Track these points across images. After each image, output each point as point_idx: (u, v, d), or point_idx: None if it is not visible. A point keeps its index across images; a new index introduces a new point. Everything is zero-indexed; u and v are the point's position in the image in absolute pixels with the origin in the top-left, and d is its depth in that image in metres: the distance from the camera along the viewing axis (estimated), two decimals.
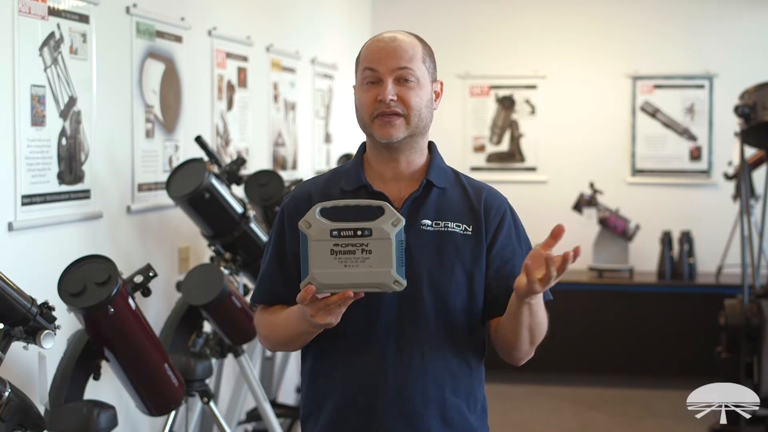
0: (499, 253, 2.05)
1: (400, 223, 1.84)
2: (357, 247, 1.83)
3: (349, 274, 1.82)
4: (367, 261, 1.82)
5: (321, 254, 1.83)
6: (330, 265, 1.83)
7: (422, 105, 2.03)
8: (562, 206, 7.14)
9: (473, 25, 7.58)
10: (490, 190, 2.13)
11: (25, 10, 2.88)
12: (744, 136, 5.44)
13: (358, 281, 1.82)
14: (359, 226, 1.83)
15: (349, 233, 1.83)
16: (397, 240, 1.84)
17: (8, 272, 2.29)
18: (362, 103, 2.04)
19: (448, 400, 2.01)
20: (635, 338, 6.59)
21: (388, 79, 2.00)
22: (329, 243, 1.83)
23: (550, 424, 5.81)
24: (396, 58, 2.01)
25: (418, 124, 2.03)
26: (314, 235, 1.83)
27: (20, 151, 2.87)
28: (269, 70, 5.16)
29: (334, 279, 1.83)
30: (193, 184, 3.43)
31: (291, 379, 5.33)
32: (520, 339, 1.99)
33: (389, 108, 1.99)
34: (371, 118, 2.02)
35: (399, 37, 2.05)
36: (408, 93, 2.01)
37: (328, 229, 1.83)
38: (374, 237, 1.83)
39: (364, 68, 2.04)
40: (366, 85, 2.03)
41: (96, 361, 2.78)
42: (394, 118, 2.00)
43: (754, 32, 7.26)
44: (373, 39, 2.08)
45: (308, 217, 1.85)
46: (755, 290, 5.33)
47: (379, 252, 1.82)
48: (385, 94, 1.99)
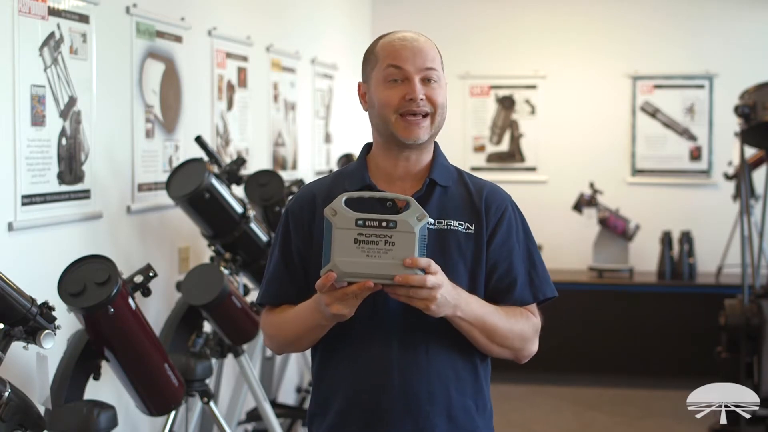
0: (496, 251, 2.05)
1: (425, 219, 1.86)
2: (381, 238, 1.84)
3: (371, 264, 1.83)
4: (390, 253, 1.84)
5: (344, 242, 1.84)
6: (353, 253, 1.84)
7: (446, 104, 2.06)
8: (562, 206, 7.14)
9: (473, 25, 7.58)
10: (492, 187, 2.13)
11: (25, 10, 2.88)
12: (744, 136, 5.44)
13: (378, 272, 1.83)
14: (385, 217, 1.85)
15: (374, 224, 1.84)
16: (420, 234, 1.85)
17: (8, 272, 2.29)
18: (385, 101, 2.03)
19: (454, 399, 2.02)
20: (635, 338, 6.59)
21: (416, 78, 2.01)
22: (353, 232, 1.84)
23: (550, 424, 5.81)
24: (423, 58, 2.02)
25: (440, 124, 2.06)
26: (339, 223, 1.85)
27: (20, 151, 2.87)
28: (269, 70, 5.16)
29: (355, 268, 1.83)
30: (193, 184, 3.43)
31: (291, 379, 5.33)
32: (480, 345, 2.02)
33: (419, 107, 2.01)
34: (395, 117, 2.02)
35: (419, 37, 2.06)
36: (435, 93, 2.03)
37: (354, 218, 1.85)
38: (398, 229, 1.84)
39: (388, 65, 2.03)
40: (390, 82, 2.03)
41: (96, 361, 2.78)
42: (421, 119, 2.02)
43: (754, 32, 7.26)
44: (393, 36, 2.07)
45: (334, 204, 1.87)
46: (755, 290, 5.33)
47: (402, 245, 1.84)
48: (416, 92, 2.00)
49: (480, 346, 2.03)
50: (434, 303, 1.87)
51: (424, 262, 1.85)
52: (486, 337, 2.00)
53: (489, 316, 1.99)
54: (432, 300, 1.86)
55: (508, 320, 2.02)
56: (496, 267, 2.05)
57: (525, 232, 2.12)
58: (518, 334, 2.04)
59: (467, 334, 1.99)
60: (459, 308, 1.92)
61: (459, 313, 1.93)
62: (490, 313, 1.99)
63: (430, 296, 1.86)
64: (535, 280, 2.09)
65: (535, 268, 2.10)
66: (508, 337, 2.03)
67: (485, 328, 1.99)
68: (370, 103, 2.07)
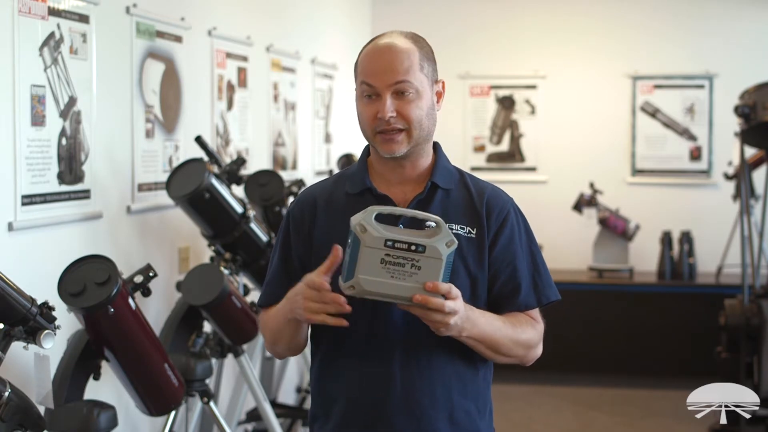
0: (499, 256, 2.05)
1: (453, 245, 1.85)
2: (408, 261, 1.82)
3: (394, 285, 1.82)
4: (414, 276, 1.82)
5: (371, 261, 1.82)
6: (377, 273, 1.82)
7: (423, 116, 2.00)
8: (562, 206, 7.14)
9: (473, 25, 7.58)
10: (494, 190, 2.11)
11: (25, 10, 2.88)
12: (744, 136, 5.44)
13: (400, 293, 1.83)
14: (414, 240, 1.83)
15: (403, 246, 1.82)
16: (447, 261, 1.84)
17: (8, 272, 2.29)
18: (363, 117, 2.02)
19: (456, 402, 2.01)
20: (635, 338, 6.59)
21: (386, 94, 1.97)
22: (381, 252, 1.82)
23: (550, 424, 5.81)
24: (392, 72, 1.97)
25: (419, 135, 2.01)
26: (368, 241, 1.82)
27: (20, 151, 2.87)
28: (269, 70, 5.16)
29: (377, 287, 1.82)
30: (193, 184, 3.43)
31: (291, 379, 5.33)
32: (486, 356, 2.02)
33: (389, 125, 1.98)
34: (373, 134, 2.01)
35: (396, 44, 1.99)
36: (407, 107, 1.97)
37: (383, 238, 1.82)
38: (426, 254, 1.82)
39: (361, 81, 2.01)
40: (365, 98, 2.01)
41: (96, 361, 2.78)
42: (395, 134, 1.99)
43: (754, 32, 7.26)
44: (370, 46, 2.04)
45: (364, 220, 1.83)
46: (755, 290, 5.33)
47: (428, 270, 1.82)
48: (384, 111, 1.97)
49: (485, 357, 2.03)
50: (445, 327, 1.87)
51: (445, 288, 1.84)
52: (492, 350, 2.00)
53: (496, 333, 1.98)
54: (444, 324, 1.87)
55: (514, 332, 2.02)
56: (499, 272, 2.05)
57: (528, 236, 2.11)
58: (524, 343, 2.04)
59: (473, 348, 1.99)
60: (465, 330, 1.92)
61: (465, 333, 1.93)
62: (497, 329, 1.99)
63: (443, 321, 1.86)
64: (539, 284, 2.09)
65: (538, 272, 2.10)
66: (514, 348, 2.03)
67: (491, 344, 1.99)
68: (357, 115, 2.06)
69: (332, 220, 2.05)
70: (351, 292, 1.83)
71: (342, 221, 2.01)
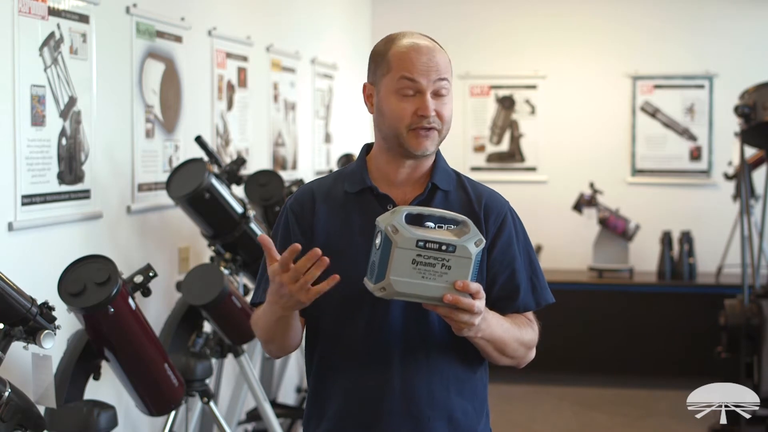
0: (498, 258, 2.05)
1: (481, 244, 1.85)
2: (438, 261, 1.82)
3: (425, 286, 1.82)
4: (444, 276, 1.82)
5: (403, 262, 1.82)
6: (409, 274, 1.82)
7: (451, 117, 2.04)
8: (562, 206, 7.14)
9: (473, 25, 7.58)
10: (491, 194, 2.12)
11: (25, 10, 2.88)
12: (744, 136, 5.44)
13: (430, 293, 1.83)
14: (445, 240, 1.83)
15: (434, 246, 1.82)
16: (476, 260, 1.84)
17: (8, 272, 2.29)
18: (398, 114, 2.00)
19: (454, 402, 2.01)
20: (635, 338, 6.59)
21: (429, 91, 1.99)
22: (413, 252, 1.82)
23: (550, 424, 5.81)
24: (436, 70, 1.99)
25: (444, 136, 2.05)
26: (401, 242, 1.81)
27: (20, 151, 2.87)
28: (269, 70, 5.16)
29: (408, 288, 1.82)
30: (193, 184, 3.43)
31: (291, 379, 5.33)
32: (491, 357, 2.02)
33: (429, 124, 1.99)
34: (406, 130, 2.00)
35: (434, 45, 2.03)
36: (443, 107, 2.01)
37: (415, 239, 1.82)
38: (456, 254, 1.83)
39: (401, 77, 1.99)
40: (402, 95, 2.00)
41: (96, 361, 2.78)
42: (431, 132, 2.00)
43: (754, 32, 7.26)
44: (406, 42, 2.02)
45: (396, 221, 1.83)
46: (755, 290, 5.33)
47: (458, 269, 1.82)
48: (428, 109, 1.98)
49: (489, 358, 2.03)
50: (469, 327, 1.87)
51: (475, 287, 1.84)
52: (498, 351, 2.00)
53: (505, 333, 1.99)
54: (470, 325, 1.86)
55: (519, 333, 2.03)
56: (498, 275, 2.05)
57: (524, 238, 2.12)
58: (527, 344, 2.05)
59: (481, 348, 1.99)
60: (481, 330, 1.92)
61: (480, 333, 1.93)
62: (506, 330, 1.99)
63: (470, 321, 1.85)
64: (537, 287, 2.10)
65: (536, 275, 2.11)
66: (518, 349, 2.04)
67: (500, 344, 1.99)
68: (379, 109, 2.03)
69: (331, 216, 2.04)
70: (382, 293, 1.83)
71: (341, 219, 2.00)
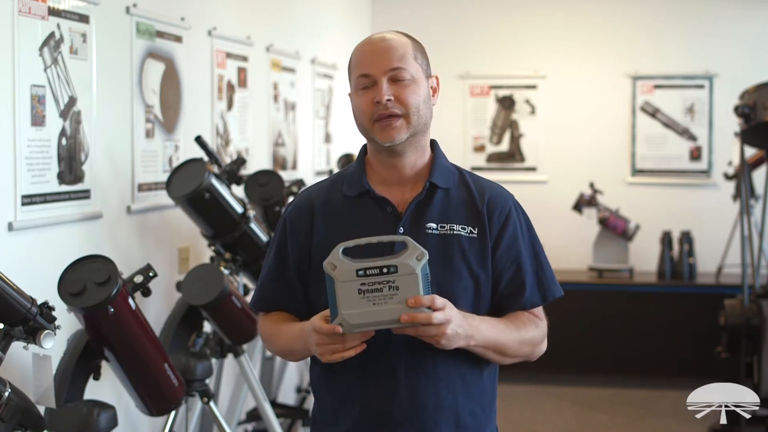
0: (503, 255, 2.03)
1: (423, 258, 1.85)
2: (384, 285, 1.83)
3: (379, 311, 1.83)
4: (395, 297, 1.83)
5: (349, 295, 1.82)
6: (359, 304, 1.83)
7: (420, 102, 2.00)
8: (562, 206, 7.14)
9: (473, 25, 7.58)
10: (495, 188, 2.10)
11: (25, 10, 2.88)
12: (744, 136, 5.44)
13: (386, 318, 1.83)
14: (384, 263, 1.83)
15: (374, 271, 1.83)
16: (422, 274, 1.84)
17: (8, 272, 2.29)
18: (360, 108, 2.01)
19: (462, 405, 2.00)
20: (635, 338, 6.59)
21: (382, 80, 1.98)
22: (356, 283, 1.83)
23: (550, 424, 5.81)
24: (387, 59, 1.98)
25: (418, 122, 2.00)
26: (340, 276, 1.83)
27: (20, 151, 2.87)
28: (269, 70, 5.16)
29: (363, 318, 1.83)
30: (193, 184, 3.43)
31: (291, 379, 5.33)
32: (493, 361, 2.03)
33: (387, 109, 1.97)
34: (371, 123, 2.00)
35: (387, 36, 2.02)
36: (404, 91, 1.98)
37: (354, 269, 1.83)
38: (400, 273, 1.83)
39: (358, 75, 2.01)
40: (361, 90, 2.01)
41: (96, 361, 2.78)
42: (393, 119, 1.97)
43: (754, 32, 7.26)
44: (362, 43, 2.06)
45: (332, 258, 1.84)
46: (755, 290, 5.33)
47: (406, 287, 1.83)
48: (381, 95, 1.96)
49: (493, 362, 2.03)
50: (444, 338, 1.86)
51: (427, 300, 1.83)
52: (500, 354, 2.01)
53: (501, 336, 1.98)
54: (441, 336, 1.86)
55: (519, 333, 2.02)
56: (503, 272, 2.04)
57: (530, 233, 2.10)
58: (529, 342, 2.04)
59: (480, 355, 1.99)
60: (472, 338, 1.92)
61: (473, 342, 1.93)
62: (501, 333, 1.98)
63: (438, 333, 1.85)
64: (544, 282, 2.08)
65: (542, 270, 2.09)
66: (521, 349, 2.03)
67: (498, 348, 1.99)
68: (353, 113, 2.06)
69: (330, 223, 2.03)
70: (342, 330, 1.84)
71: (341, 224, 2.00)
